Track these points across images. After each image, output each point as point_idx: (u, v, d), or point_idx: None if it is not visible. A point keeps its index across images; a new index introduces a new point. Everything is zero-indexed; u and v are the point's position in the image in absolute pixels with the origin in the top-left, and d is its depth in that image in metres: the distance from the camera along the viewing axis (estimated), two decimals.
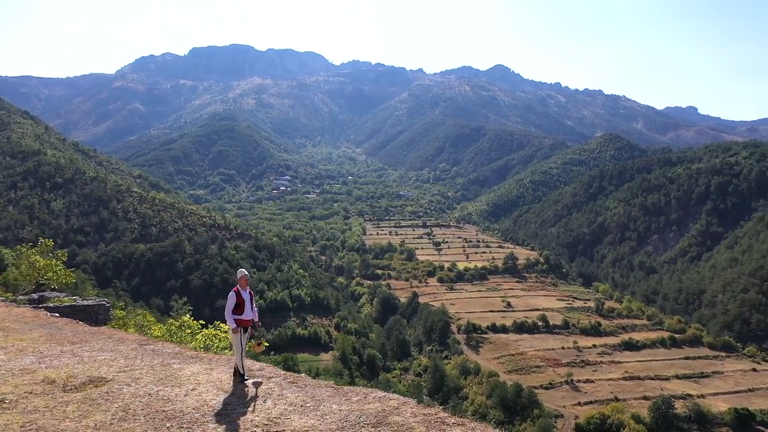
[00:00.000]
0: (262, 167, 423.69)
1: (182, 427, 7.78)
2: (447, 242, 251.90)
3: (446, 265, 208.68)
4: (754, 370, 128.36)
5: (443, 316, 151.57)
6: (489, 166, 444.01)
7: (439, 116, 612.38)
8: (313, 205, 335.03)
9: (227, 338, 15.66)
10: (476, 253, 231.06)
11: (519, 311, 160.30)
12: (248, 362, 10.88)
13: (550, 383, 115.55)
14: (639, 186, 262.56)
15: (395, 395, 8.42)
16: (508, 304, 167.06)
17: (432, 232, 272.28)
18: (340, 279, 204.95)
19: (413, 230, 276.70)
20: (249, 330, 10.88)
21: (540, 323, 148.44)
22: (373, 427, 7.53)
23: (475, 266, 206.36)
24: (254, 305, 11.30)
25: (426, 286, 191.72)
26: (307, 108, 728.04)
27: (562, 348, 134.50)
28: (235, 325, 10.58)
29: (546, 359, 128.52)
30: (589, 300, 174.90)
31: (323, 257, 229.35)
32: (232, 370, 10.32)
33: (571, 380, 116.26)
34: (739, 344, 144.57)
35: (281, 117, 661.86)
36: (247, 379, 9.93)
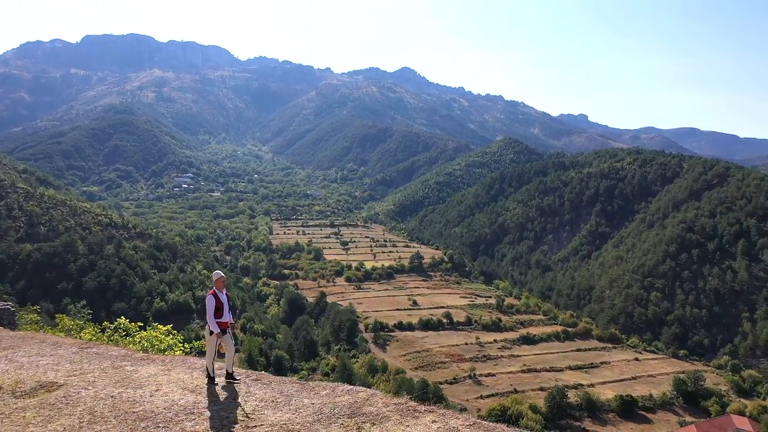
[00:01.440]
0: (163, 164, 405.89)
1: (158, 427, 7.76)
2: (354, 242, 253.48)
3: (354, 264, 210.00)
4: (637, 359, 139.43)
5: (351, 315, 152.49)
6: (396, 167, 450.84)
7: (347, 116, 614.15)
8: (217, 204, 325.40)
9: (167, 340, 15.41)
10: (383, 252, 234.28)
11: (425, 309, 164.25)
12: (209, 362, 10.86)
13: (454, 378, 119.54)
14: (536, 188, 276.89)
15: (362, 387, 8.82)
16: (414, 303, 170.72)
17: (340, 231, 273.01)
18: (246, 279, 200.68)
19: (321, 230, 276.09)
20: (228, 332, 10.82)
21: (444, 320, 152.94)
22: (348, 418, 7.76)
23: (382, 265, 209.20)
24: (230, 307, 11.24)
25: (334, 285, 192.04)
26: (212, 103, 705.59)
27: (466, 344, 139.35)
28: (219, 330, 10.49)
29: (450, 355, 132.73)
30: (490, 297, 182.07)
31: (228, 257, 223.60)
32: (225, 372, 10.15)
33: (474, 374, 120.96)
34: (623, 336, 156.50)
35: (183, 112, 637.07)
36: (217, 384, 9.94)
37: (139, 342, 15.09)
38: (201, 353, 15.35)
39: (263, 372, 10.86)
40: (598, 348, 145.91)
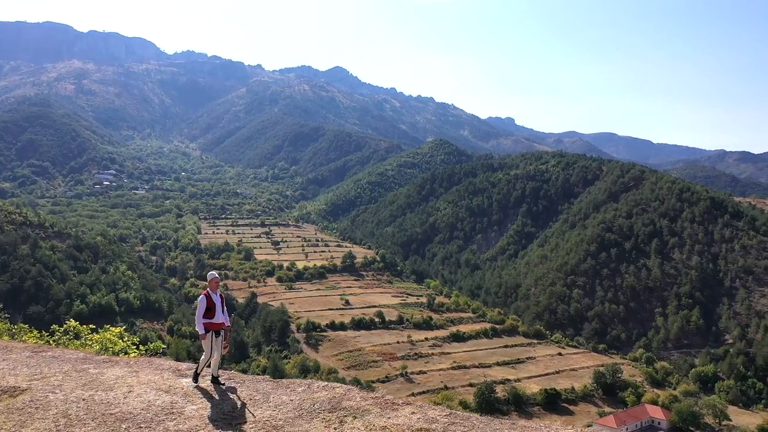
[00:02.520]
0: (83, 159, 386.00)
1: (140, 428, 7.68)
2: (286, 241, 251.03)
3: (285, 264, 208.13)
4: (560, 354, 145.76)
5: (282, 315, 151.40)
6: (328, 166, 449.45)
7: (278, 114, 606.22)
8: (141, 202, 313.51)
9: (121, 343, 14.95)
10: (315, 252, 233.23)
11: (357, 308, 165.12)
12: (174, 363, 10.67)
13: (386, 377, 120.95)
14: (466, 189, 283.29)
15: (337, 383, 9.04)
16: (347, 302, 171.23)
17: (271, 231, 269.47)
18: (173, 280, 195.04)
19: (251, 229, 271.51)
20: (221, 334, 10.73)
21: (377, 319, 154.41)
22: (329, 413, 7.89)
23: (314, 265, 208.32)
24: (225, 308, 11.20)
25: (265, 285, 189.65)
26: (136, 98, 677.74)
27: (397, 342, 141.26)
28: (204, 331, 10.40)
29: (382, 354, 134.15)
30: (421, 296, 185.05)
31: (154, 257, 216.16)
32: (211, 377, 10.01)
33: (406, 372, 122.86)
34: (548, 332, 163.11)
35: (106, 106, 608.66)
36: (196, 384, 9.97)
37: (91, 345, 14.63)
38: (157, 355, 15.09)
39: (234, 371, 10.89)
40: (524, 344, 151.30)
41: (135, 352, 15.07)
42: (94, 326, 16.19)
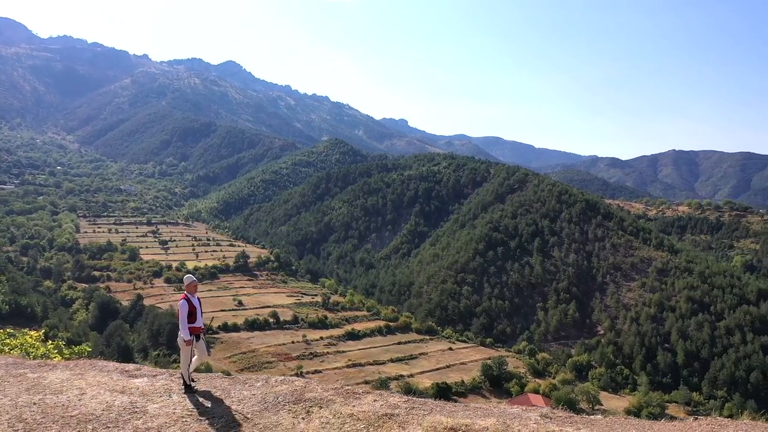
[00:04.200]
0: None
1: (108, 428, 7.47)
2: (175, 241, 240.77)
3: (174, 264, 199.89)
4: (450, 349, 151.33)
5: (171, 318, 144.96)
6: (219, 163, 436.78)
7: (167, 107, 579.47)
8: (10, 198, 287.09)
9: (42, 347, 13.95)
10: (206, 251, 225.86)
11: (250, 309, 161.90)
12: (120, 364, 10.24)
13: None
14: (360, 189, 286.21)
15: (295, 377, 9.20)
16: (240, 303, 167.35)
17: (158, 230, 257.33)
18: (48, 282, 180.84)
19: (137, 228, 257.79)
20: (201, 337, 10.40)
21: (271, 320, 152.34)
22: (294, 404, 8.01)
23: (206, 265, 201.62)
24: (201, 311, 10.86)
25: (152, 287, 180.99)
26: (4, 84, 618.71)
27: (293, 342, 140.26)
28: (190, 336, 10.01)
29: (277, 354, 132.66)
30: (316, 295, 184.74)
31: (25, 258, 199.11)
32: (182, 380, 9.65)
33: (301, 372, 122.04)
34: (439, 328, 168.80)
35: None
36: (195, 391, 9.59)
37: (9, 350, 13.63)
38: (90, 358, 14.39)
39: None
40: (417, 340, 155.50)
41: (57, 356, 14.32)
42: (12, 330, 15.15)
